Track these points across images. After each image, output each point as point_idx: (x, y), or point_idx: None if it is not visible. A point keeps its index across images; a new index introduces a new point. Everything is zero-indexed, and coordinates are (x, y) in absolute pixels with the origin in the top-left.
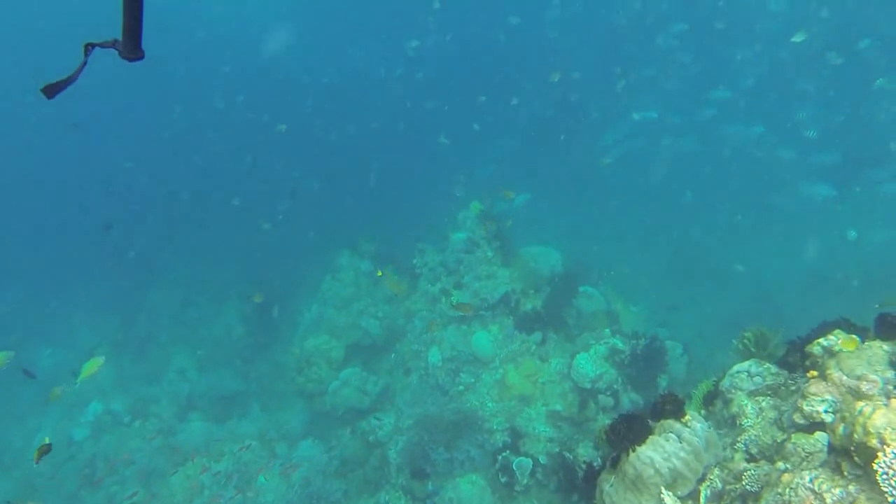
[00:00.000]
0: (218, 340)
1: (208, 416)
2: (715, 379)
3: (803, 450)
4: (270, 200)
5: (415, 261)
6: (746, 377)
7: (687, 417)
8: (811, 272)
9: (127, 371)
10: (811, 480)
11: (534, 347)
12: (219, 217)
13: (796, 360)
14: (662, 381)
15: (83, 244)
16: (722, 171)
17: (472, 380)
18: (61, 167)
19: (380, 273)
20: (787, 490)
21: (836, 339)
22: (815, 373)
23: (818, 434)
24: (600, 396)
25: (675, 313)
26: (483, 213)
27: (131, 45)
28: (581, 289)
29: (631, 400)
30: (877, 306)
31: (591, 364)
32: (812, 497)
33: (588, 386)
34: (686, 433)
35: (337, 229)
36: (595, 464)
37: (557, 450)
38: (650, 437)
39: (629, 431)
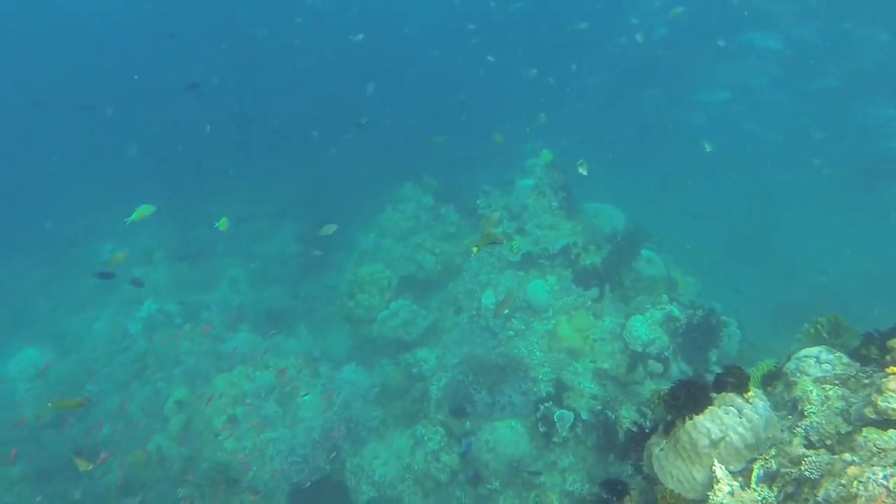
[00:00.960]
0: (272, 257)
1: (256, 329)
2: (777, 361)
3: (875, 445)
4: (344, 129)
5: (479, 201)
6: (815, 363)
7: (750, 393)
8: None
9: (182, 276)
10: (885, 478)
11: (589, 303)
12: (293, 142)
13: (872, 353)
14: (713, 356)
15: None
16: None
17: (524, 327)
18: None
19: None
20: (856, 483)
21: None
22: (895, 368)
23: (893, 432)
24: (650, 361)
25: (738, 296)
26: (552, 162)
27: None
28: (642, 251)
29: (680, 369)
30: None
31: (645, 327)
32: (885, 494)
33: (639, 349)
34: (747, 409)
35: (404, 162)
36: (645, 426)
37: (600, 408)
38: (710, 407)
39: (689, 399)
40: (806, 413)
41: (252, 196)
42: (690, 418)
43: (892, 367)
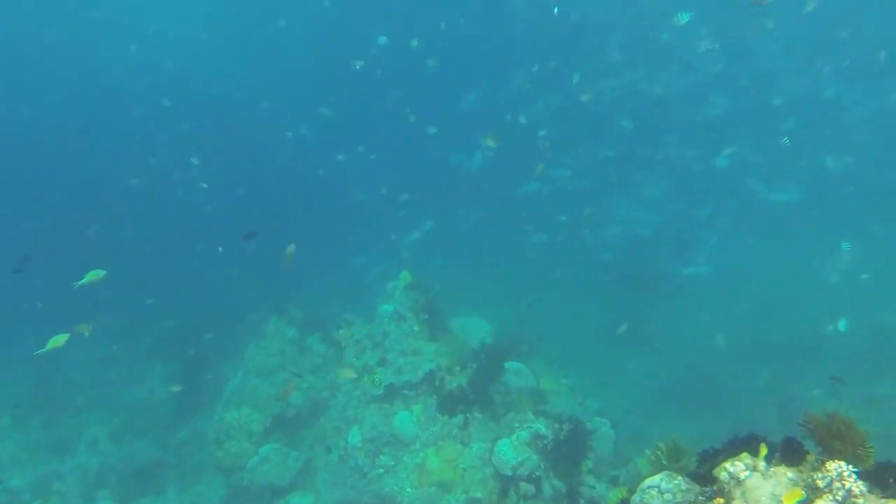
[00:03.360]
0: (139, 404)
1: (118, 495)
2: (626, 491)
3: None
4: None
5: (341, 331)
6: (657, 493)
7: None
8: (748, 338)
9: (35, 439)
10: None
11: (455, 430)
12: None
13: (708, 472)
14: (588, 464)
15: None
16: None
17: (393, 462)
18: None
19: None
20: None
21: (742, 466)
22: (720, 500)
23: None
24: (521, 483)
25: (608, 382)
26: (412, 283)
27: None
28: (508, 365)
29: (553, 487)
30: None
31: (512, 451)
32: None
33: (509, 473)
34: None
35: (268, 289)
36: None
37: None
38: None
39: None
40: None
41: (114, 334)
42: None
43: (718, 500)
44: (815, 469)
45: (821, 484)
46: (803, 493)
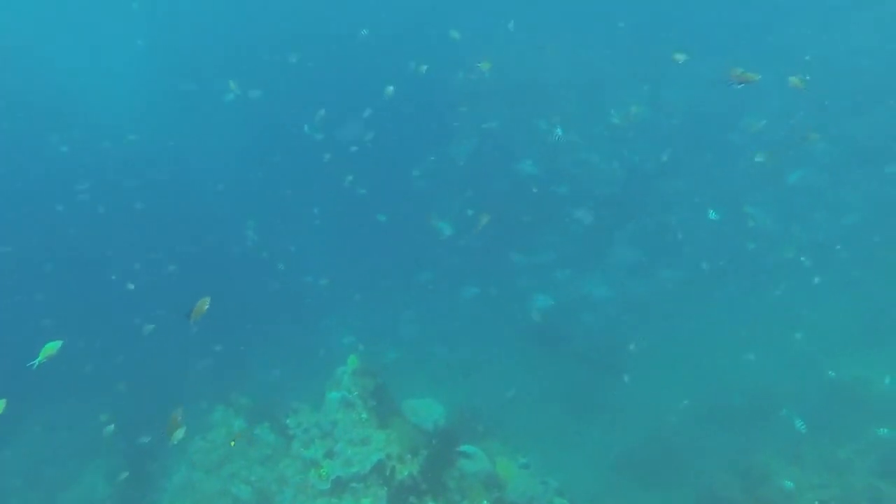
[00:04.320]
0: None
1: None
2: None
3: None
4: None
5: (288, 420)
6: None
7: None
8: (706, 403)
9: None
10: None
11: None
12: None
13: None
14: None
15: None
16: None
17: None
18: None
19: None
20: None
21: None
22: None
23: None
24: None
25: (566, 456)
26: (360, 368)
27: None
28: (462, 448)
29: None
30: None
31: None
32: None
33: None
34: None
35: (212, 376)
36: None
37: None
38: None
39: None
40: None
41: (51, 431)
42: None
43: None
44: None
45: None
46: None
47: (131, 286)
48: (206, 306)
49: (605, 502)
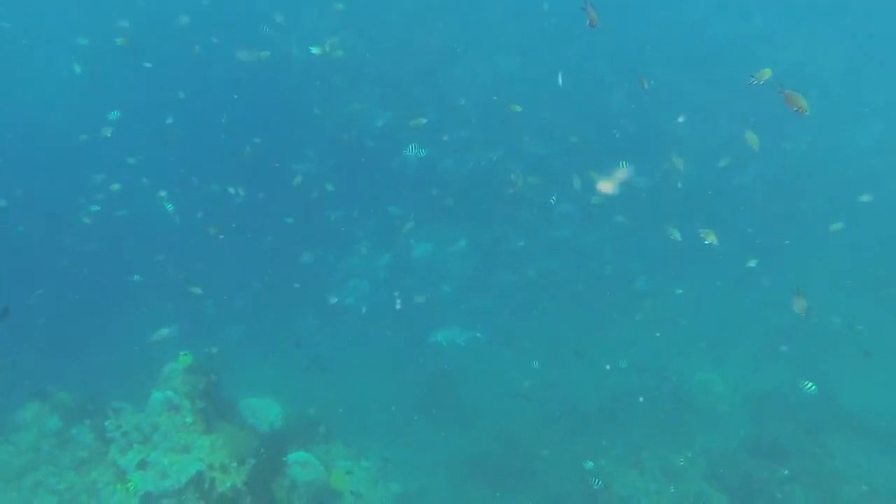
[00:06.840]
0: None
1: None
2: None
3: None
4: None
5: (107, 422)
6: None
7: None
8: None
9: None
10: None
11: None
12: None
13: None
14: None
15: None
16: None
17: None
18: None
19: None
20: None
21: None
22: None
23: None
24: None
25: (414, 460)
26: (193, 366)
27: None
28: (293, 456)
29: None
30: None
31: None
32: None
33: None
34: None
35: (30, 365)
36: None
37: None
38: None
39: None
40: None
41: None
42: None
43: None
44: None
45: None
46: None
47: None
48: None
49: None
